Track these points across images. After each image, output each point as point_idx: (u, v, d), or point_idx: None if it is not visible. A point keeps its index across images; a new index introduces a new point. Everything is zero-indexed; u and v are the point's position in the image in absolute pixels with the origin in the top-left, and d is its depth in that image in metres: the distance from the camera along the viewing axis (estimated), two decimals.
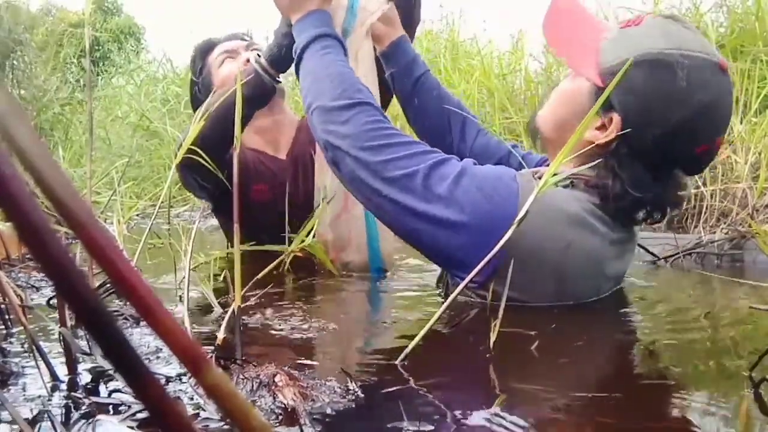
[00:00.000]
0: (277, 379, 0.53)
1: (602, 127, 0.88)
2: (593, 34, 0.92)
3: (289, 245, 1.08)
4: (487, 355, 0.67)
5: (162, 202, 1.20)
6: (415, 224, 0.85)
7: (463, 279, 0.79)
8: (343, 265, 1.21)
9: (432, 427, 0.49)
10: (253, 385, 0.53)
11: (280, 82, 1.26)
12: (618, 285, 1.02)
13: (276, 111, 1.51)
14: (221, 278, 1.02)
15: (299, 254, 1.03)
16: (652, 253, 1.49)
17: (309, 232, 1.00)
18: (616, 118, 0.86)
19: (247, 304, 0.91)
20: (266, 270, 0.96)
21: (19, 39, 4.80)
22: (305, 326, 0.86)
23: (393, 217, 0.88)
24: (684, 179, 0.94)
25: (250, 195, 1.44)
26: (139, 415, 0.49)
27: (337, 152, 0.89)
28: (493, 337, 0.67)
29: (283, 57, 1.19)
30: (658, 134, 0.85)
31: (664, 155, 0.87)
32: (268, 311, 0.91)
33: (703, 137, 0.86)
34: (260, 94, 1.24)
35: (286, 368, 0.56)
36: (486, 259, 0.71)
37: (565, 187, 0.90)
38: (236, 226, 0.77)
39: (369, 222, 1.19)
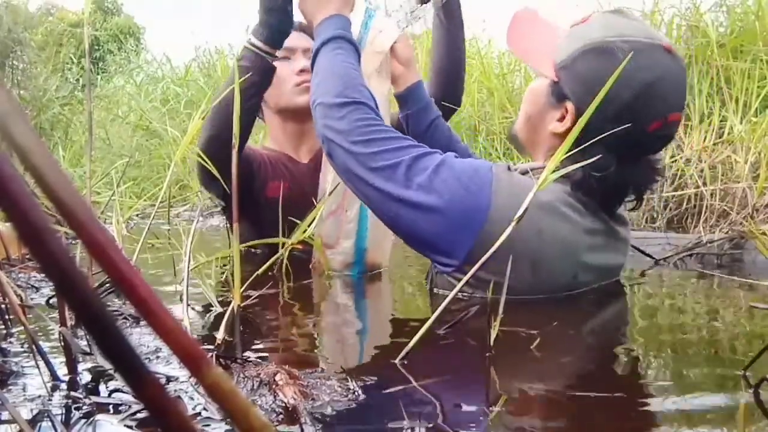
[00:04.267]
0: (277, 377, 0.53)
1: (562, 119, 0.96)
2: (550, 37, 1.01)
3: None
4: (487, 354, 0.67)
5: (161, 202, 1.21)
6: (397, 210, 0.92)
7: (440, 264, 0.93)
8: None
9: (431, 426, 0.49)
10: (253, 384, 0.53)
11: (278, 57, 1.27)
12: (607, 279, 1.03)
13: (306, 119, 1.50)
14: (223, 278, 1.02)
15: (298, 247, 1.04)
16: (648, 255, 1.49)
17: (310, 224, 1.00)
18: (569, 106, 0.94)
19: (247, 303, 0.91)
20: (267, 264, 0.96)
21: (19, 39, 4.80)
22: (305, 326, 0.86)
23: (377, 203, 0.95)
24: (657, 161, 0.99)
25: (266, 192, 1.44)
26: (139, 415, 0.49)
27: (332, 144, 0.96)
28: (493, 335, 0.67)
29: (273, 33, 1.22)
30: (609, 115, 0.89)
31: (618, 135, 0.89)
32: (268, 311, 0.91)
33: (652, 114, 0.91)
34: (262, 75, 1.25)
35: (286, 367, 0.56)
36: (488, 254, 0.71)
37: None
38: (235, 225, 0.77)
39: (361, 226, 1.19)
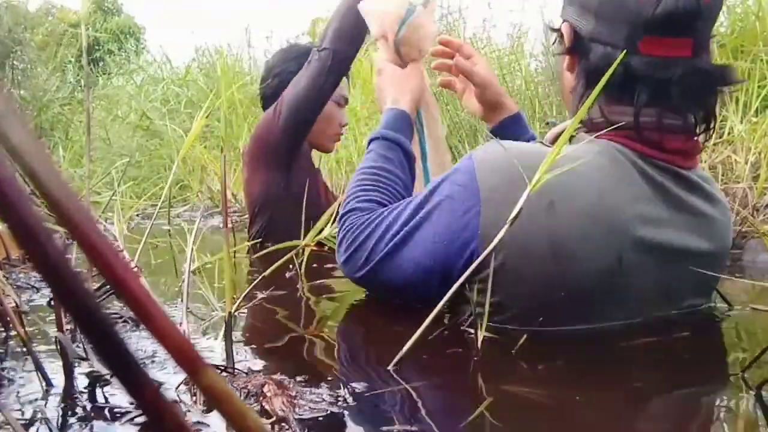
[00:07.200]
0: (265, 389, 0.52)
1: (569, 66, 0.90)
2: None
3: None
4: (475, 359, 0.67)
5: (162, 202, 1.20)
6: (411, 252, 0.87)
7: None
8: None
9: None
10: (241, 395, 0.52)
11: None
12: (681, 269, 0.82)
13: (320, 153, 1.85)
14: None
15: (315, 248, 1.04)
16: None
17: (327, 222, 1.00)
18: (564, 27, 0.88)
19: (249, 305, 0.91)
20: (277, 264, 0.95)
21: (19, 39, 4.80)
22: (300, 333, 0.86)
23: (394, 266, 0.91)
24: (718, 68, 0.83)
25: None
26: (136, 420, 0.49)
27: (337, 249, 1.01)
28: (480, 336, 0.67)
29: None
30: (593, 10, 0.83)
31: (612, 23, 0.82)
32: (264, 317, 0.91)
33: None
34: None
35: (275, 377, 0.55)
36: (479, 259, 0.71)
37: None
38: (225, 230, 0.77)
39: None
